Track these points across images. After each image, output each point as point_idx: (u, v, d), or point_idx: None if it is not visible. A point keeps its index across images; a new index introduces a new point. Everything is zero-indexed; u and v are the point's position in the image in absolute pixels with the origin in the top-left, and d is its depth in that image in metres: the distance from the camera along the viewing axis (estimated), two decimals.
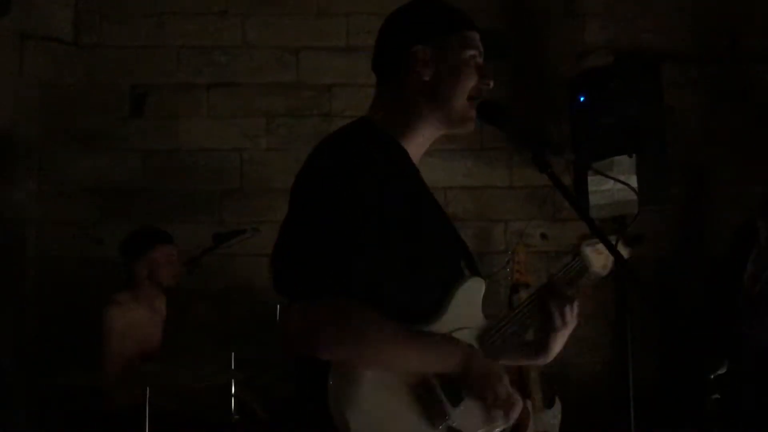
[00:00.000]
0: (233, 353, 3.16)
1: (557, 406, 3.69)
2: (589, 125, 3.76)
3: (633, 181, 3.65)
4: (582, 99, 3.82)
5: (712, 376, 1.55)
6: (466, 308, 1.66)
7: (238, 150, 4.19)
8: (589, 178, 3.71)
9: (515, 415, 1.62)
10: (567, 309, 1.73)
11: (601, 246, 1.78)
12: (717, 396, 1.57)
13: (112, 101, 4.18)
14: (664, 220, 4.06)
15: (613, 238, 1.71)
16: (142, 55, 4.21)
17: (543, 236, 4.18)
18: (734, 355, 3.03)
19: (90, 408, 3.21)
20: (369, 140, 1.62)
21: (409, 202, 1.61)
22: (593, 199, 3.74)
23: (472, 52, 1.71)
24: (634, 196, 3.53)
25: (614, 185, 3.64)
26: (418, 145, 1.73)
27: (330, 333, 1.46)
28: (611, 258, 1.77)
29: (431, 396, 1.56)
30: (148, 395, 2.57)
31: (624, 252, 1.83)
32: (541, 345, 1.77)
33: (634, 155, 3.71)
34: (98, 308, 3.30)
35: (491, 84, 1.72)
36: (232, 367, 3.13)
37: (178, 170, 4.16)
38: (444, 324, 1.61)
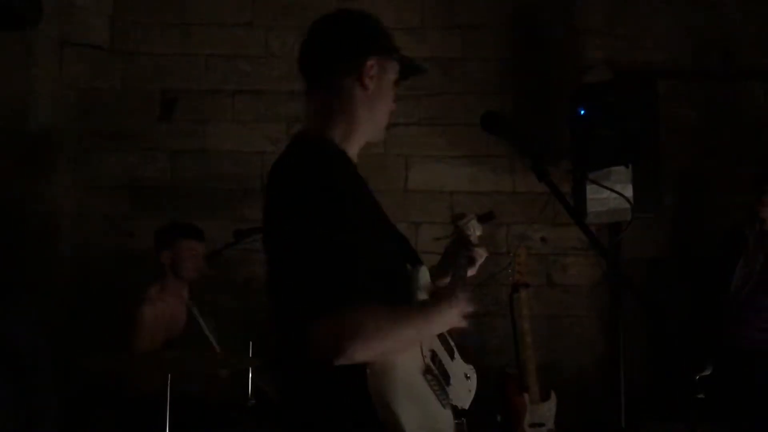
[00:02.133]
0: (251, 341, 3.17)
1: (552, 398, 3.68)
2: (588, 137, 3.74)
3: (629, 190, 3.64)
4: (582, 112, 3.80)
5: (697, 377, 1.54)
6: (421, 295, 1.69)
7: (260, 153, 4.19)
8: (587, 187, 3.69)
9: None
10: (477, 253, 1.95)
11: (468, 225, 2.01)
12: (702, 396, 1.56)
13: (143, 104, 4.20)
14: (657, 227, 4.04)
15: (470, 217, 2.00)
16: (172, 63, 4.23)
17: (543, 240, 4.17)
18: (719, 356, 3.01)
19: (116, 393, 3.22)
20: (318, 153, 1.60)
21: (368, 206, 1.64)
22: (591, 206, 3.72)
23: (395, 79, 1.73)
24: (628, 205, 3.52)
25: (610, 194, 3.62)
26: (355, 146, 1.72)
27: (361, 339, 1.44)
28: (476, 236, 2.01)
29: (437, 382, 1.60)
30: (169, 381, 2.57)
31: (478, 229, 2.02)
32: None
33: (630, 165, 3.70)
34: (127, 297, 3.31)
35: (393, 108, 1.75)
36: (250, 354, 3.14)
37: (204, 170, 4.18)
38: None
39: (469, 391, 1.76)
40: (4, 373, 3.44)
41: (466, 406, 1.71)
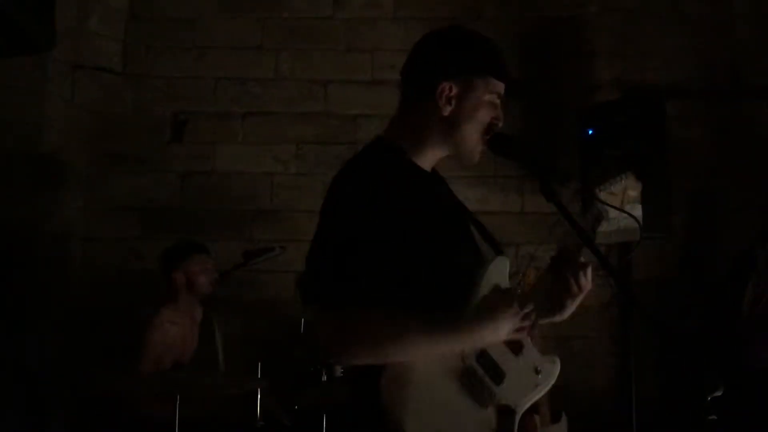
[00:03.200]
0: (260, 362, 3.16)
1: (563, 421, 3.64)
2: (597, 156, 3.74)
3: (638, 210, 3.62)
4: (590, 132, 3.81)
5: (709, 398, 1.53)
6: (494, 286, 1.67)
7: (270, 174, 4.21)
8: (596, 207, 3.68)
9: (528, 323, 1.66)
10: (581, 275, 1.77)
11: (614, 187, 1.91)
12: (714, 417, 1.54)
13: (154, 127, 4.23)
14: (667, 247, 4.01)
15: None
16: (183, 85, 4.27)
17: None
18: (732, 378, 2.98)
19: (124, 414, 3.21)
20: (382, 163, 1.65)
21: (422, 211, 1.63)
22: (599, 227, 3.71)
23: (491, 97, 1.71)
24: (637, 225, 3.50)
25: (619, 213, 3.61)
26: (428, 159, 1.75)
27: (357, 341, 1.48)
28: (624, 195, 1.90)
29: (475, 380, 1.57)
30: (178, 402, 2.57)
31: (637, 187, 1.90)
32: (556, 306, 1.78)
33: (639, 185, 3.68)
34: (137, 318, 3.32)
35: (501, 124, 1.73)
36: (259, 375, 3.13)
37: (214, 191, 4.20)
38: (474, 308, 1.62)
39: (537, 386, 1.69)
40: (15, 393, 3.44)
41: (525, 404, 1.66)
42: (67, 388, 3.65)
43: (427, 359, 1.52)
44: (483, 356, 1.60)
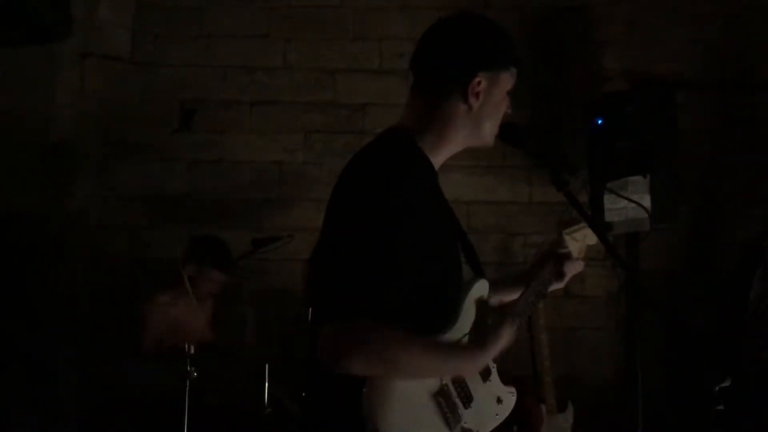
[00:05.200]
0: (267, 349, 3.17)
1: (569, 410, 3.65)
2: (606, 147, 3.73)
3: (646, 201, 3.62)
4: (599, 122, 3.79)
5: (717, 389, 1.53)
6: (473, 313, 1.67)
7: (278, 162, 4.22)
8: (605, 197, 3.67)
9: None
10: (572, 267, 1.87)
11: (577, 234, 1.88)
12: (721, 407, 1.54)
13: (163, 116, 4.23)
14: (675, 238, 4.01)
15: (581, 225, 1.85)
16: (191, 74, 4.26)
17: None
18: (739, 368, 2.98)
19: (131, 399, 3.24)
20: (403, 159, 1.57)
21: (433, 226, 1.58)
22: (608, 217, 3.70)
23: (510, 87, 1.70)
24: (646, 215, 3.49)
25: (628, 204, 3.60)
26: (442, 156, 1.71)
27: (361, 355, 1.44)
28: (585, 246, 1.90)
29: (448, 400, 1.57)
30: (187, 386, 2.58)
31: (591, 239, 1.91)
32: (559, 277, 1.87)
33: (647, 176, 3.68)
34: (139, 308, 3.34)
35: (509, 112, 1.72)
36: (266, 362, 3.14)
37: (222, 180, 4.20)
38: (457, 331, 1.62)
39: (496, 415, 1.70)
40: (26, 382, 3.47)
41: (486, 431, 1.66)
42: (79, 378, 3.68)
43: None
44: (457, 378, 1.61)
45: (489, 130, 1.69)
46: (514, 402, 1.73)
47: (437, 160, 1.69)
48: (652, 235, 3.78)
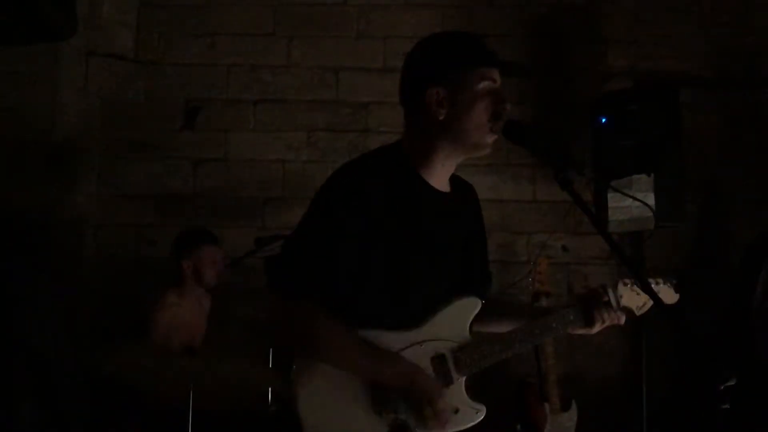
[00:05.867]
0: (271, 348, 3.17)
1: (573, 409, 3.64)
2: (610, 145, 3.71)
3: (651, 199, 3.60)
4: (603, 120, 3.78)
5: (722, 387, 1.52)
6: (451, 322, 1.71)
7: (281, 161, 4.21)
8: (609, 195, 3.66)
9: (450, 428, 1.68)
10: (608, 321, 1.85)
11: (639, 288, 1.84)
12: (726, 406, 1.53)
13: (167, 114, 4.23)
14: (680, 236, 3.99)
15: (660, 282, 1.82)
16: (195, 72, 4.26)
17: (564, 248, 4.13)
18: (744, 367, 2.97)
19: (135, 399, 3.24)
20: (380, 170, 1.69)
21: (401, 228, 1.66)
22: (612, 215, 3.69)
23: (485, 84, 1.70)
24: (651, 213, 3.48)
25: (632, 202, 3.59)
26: (439, 171, 1.76)
27: (293, 330, 1.62)
28: (649, 304, 1.84)
29: (382, 392, 1.63)
30: (191, 386, 2.58)
31: (671, 296, 1.87)
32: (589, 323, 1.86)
33: (652, 174, 3.66)
34: (144, 308, 3.33)
35: (508, 106, 1.71)
36: (270, 361, 3.14)
37: (226, 178, 4.20)
38: (420, 333, 1.68)
39: (446, 422, 1.69)
40: (28, 380, 3.47)
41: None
42: (82, 376, 3.67)
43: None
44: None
45: (473, 131, 1.72)
46: (478, 419, 1.72)
47: (437, 176, 1.76)
48: (657, 233, 3.77)
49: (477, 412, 1.74)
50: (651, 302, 1.83)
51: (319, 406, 1.60)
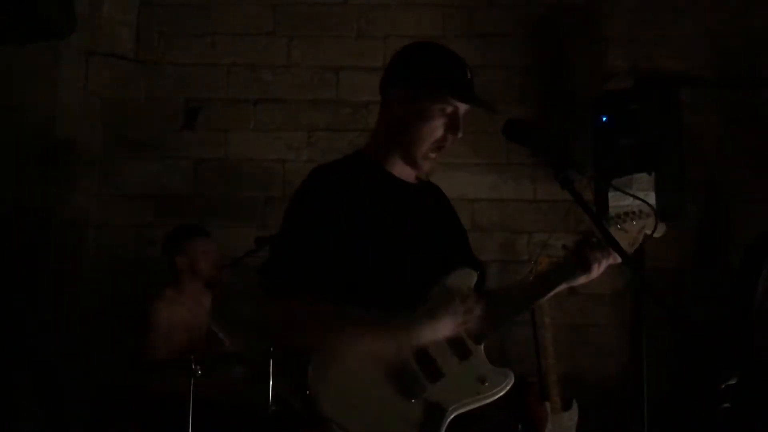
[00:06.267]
0: (271, 347, 3.16)
1: (574, 408, 3.64)
2: (610, 144, 3.72)
3: (651, 198, 3.60)
4: (604, 119, 3.78)
5: (723, 387, 1.52)
6: (451, 297, 1.71)
7: (282, 161, 4.21)
8: (610, 194, 3.66)
9: (475, 314, 1.69)
10: (604, 260, 1.82)
11: (627, 225, 1.84)
12: (727, 405, 1.53)
13: (167, 114, 4.23)
14: (681, 235, 3.99)
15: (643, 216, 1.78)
16: (196, 72, 4.26)
17: (564, 247, 4.12)
18: (745, 367, 2.96)
19: (137, 397, 3.24)
20: (345, 165, 1.81)
21: (369, 217, 1.72)
22: (608, 215, 3.68)
23: (443, 106, 1.76)
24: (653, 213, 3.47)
25: (633, 201, 3.58)
26: (402, 165, 1.83)
27: (296, 324, 1.63)
28: (639, 236, 1.84)
29: (406, 373, 1.62)
30: (192, 385, 2.58)
31: (660, 230, 1.85)
32: (586, 267, 1.83)
33: (652, 173, 3.66)
34: (143, 302, 3.34)
35: (458, 137, 1.79)
36: (270, 360, 3.13)
37: (226, 178, 4.20)
38: (424, 312, 1.69)
39: (477, 393, 1.70)
40: (30, 380, 3.47)
41: (459, 408, 1.66)
42: (83, 376, 3.68)
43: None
44: (422, 353, 1.66)
45: (414, 147, 1.78)
46: (510, 383, 1.73)
47: (395, 165, 1.83)
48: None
49: (505, 377, 1.74)
50: (641, 236, 1.84)
51: (345, 403, 1.57)
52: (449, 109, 1.76)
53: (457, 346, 1.70)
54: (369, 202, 1.73)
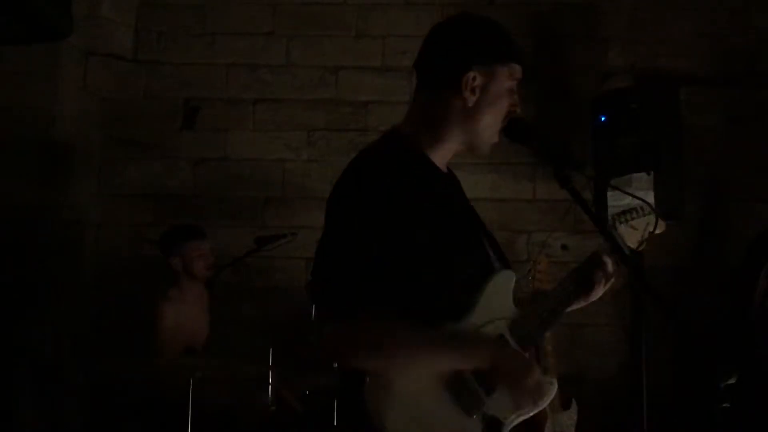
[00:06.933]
0: (271, 348, 3.17)
1: (574, 407, 3.64)
2: (610, 143, 3.71)
3: (651, 197, 3.60)
4: (603, 119, 3.78)
5: (723, 386, 1.51)
6: (497, 300, 1.63)
7: (281, 161, 4.21)
8: (609, 194, 3.66)
9: (545, 400, 1.59)
10: (606, 283, 1.73)
11: (635, 222, 1.75)
12: (726, 405, 1.53)
13: (166, 113, 4.23)
14: (680, 235, 3.98)
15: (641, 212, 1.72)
16: (194, 72, 4.26)
17: (564, 247, 4.13)
18: (745, 366, 2.96)
19: (137, 396, 3.24)
20: (394, 158, 1.61)
21: (433, 213, 1.59)
22: (612, 213, 3.68)
23: (512, 83, 1.68)
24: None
25: (632, 201, 3.58)
26: (442, 154, 1.71)
27: (361, 350, 1.49)
28: (645, 233, 1.75)
29: (465, 387, 1.55)
30: (191, 385, 2.58)
31: (660, 227, 1.76)
32: (587, 292, 1.76)
33: (652, 172, 3.66)
34: (149, 303, 3.34)
35: (518, 110, 1.69)
36: (270, 361, 3.14)
37: (226, 178, 4.20)
38: (476, 318, 1.59)
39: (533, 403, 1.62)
40: (29, 380, 3.47)
41: (515, 419, 1.59)
42: (81, 376, 3.68)
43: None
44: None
45: (487, 128, 1.68)
46: (554, 390, 1.64)
47: (440, 157, 1.70)
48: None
49: (552, 385, 1.66)
50: (647, 233, 1.76)
51: (413, 423, 1.49)
52: (514, 85, 1.67)
53: None
54: (420, 195, 1.58)
